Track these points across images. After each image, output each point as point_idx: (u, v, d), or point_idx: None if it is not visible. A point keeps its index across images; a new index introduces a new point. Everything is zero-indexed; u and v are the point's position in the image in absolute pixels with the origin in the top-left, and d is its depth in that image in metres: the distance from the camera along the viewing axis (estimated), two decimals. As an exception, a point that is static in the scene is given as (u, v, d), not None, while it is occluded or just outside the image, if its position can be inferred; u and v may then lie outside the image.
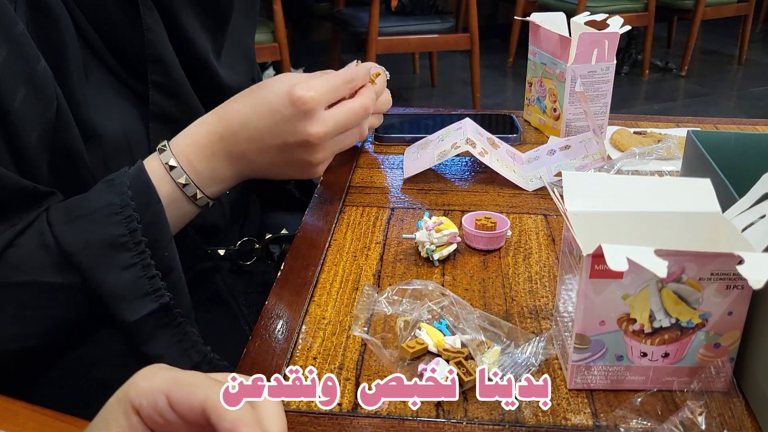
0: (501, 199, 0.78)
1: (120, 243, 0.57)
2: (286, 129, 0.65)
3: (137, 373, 0.39)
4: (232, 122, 0.65)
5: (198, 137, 0.65)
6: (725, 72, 4.33)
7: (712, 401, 0.47)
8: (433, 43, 3.08)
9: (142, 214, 0.58)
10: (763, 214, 0.47)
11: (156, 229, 0.59)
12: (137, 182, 0.59)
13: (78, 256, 0.56)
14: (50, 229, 0.57)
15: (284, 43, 2.73)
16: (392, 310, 0.55)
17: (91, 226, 0.57)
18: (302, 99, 0.63)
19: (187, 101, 0.69)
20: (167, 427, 0.37)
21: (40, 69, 0.57)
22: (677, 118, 1.04)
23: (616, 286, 0.46)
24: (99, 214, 0.57)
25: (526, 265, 0.66)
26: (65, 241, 0.56)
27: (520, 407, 0.48)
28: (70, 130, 0.60)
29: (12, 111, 0.54)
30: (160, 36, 0.65)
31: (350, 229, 0.72)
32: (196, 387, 0.37)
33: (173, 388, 0.37)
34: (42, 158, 0.58)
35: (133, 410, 0.37)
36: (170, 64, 0.66)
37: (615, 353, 0.48)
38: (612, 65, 0.91)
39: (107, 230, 0.57)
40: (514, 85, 3.99)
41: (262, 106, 0.65)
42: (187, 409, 0.37)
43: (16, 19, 0.55)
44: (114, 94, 0.66)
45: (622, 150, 0.91)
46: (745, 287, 0.46)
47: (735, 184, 0.53)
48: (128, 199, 0.58)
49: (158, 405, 0.37)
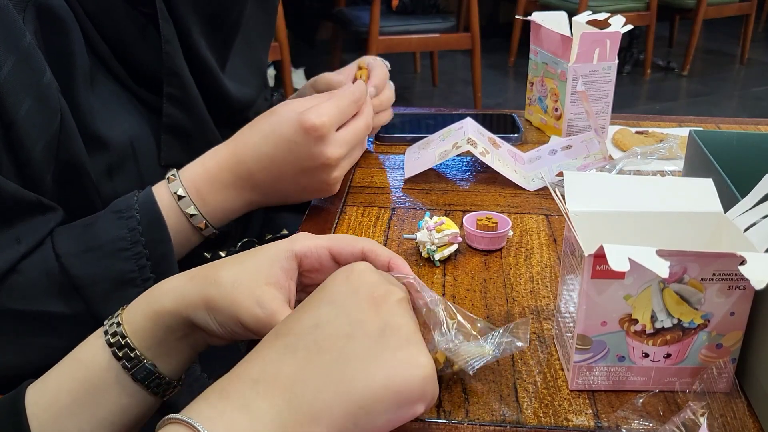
0: (502, 199, 0.78)
1: (128, 279, 0.57)
2: (302, 155, 0.66)
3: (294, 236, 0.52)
4: (243, 155, 0.66)
5: (208, 167, 0.65)
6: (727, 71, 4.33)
7: (714, 402, 0.46)
8: (434, 42, 3.08)
9: (152, 250, 0.58)
10: (766, 214, 0.47)
11: (165, 266, 0.60)
12: (148, 216, 0.60)
13: (85, 289, 0.56)
14: (58, 259, 0.57)
15: (285, 43, 2.73)
16: None
17: (100, 260, 0.57)
18: (314, 126, 0.65)
19: (199, 115, 0.70)
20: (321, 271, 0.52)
21: (46, 80, 0.57)
22: (679, 117, 1.04)
23: (618, 287, 0.46)
24: (108, 248, 0.57)
25: (528, 265, 0.65)
26: (73, 273, 0.56)
27: (521, 408, 0.48)
28: (74, 142, 0.60)
29: (17, 121, 0.54)
30: (176, 49, 0.65)
31: (351, 229, 0.72)
32: (353, 239, 0.52)
33: (334, 243, 0.52)
34: (46, 169, 0.58)
35: (296, 258, 0.51)
36: (185, 78, 0.67)
37: (617, 354, 0.48)
38: (614, 65, 0.91)
39: (116, 266, 0.57)
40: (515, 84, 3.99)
41: (276, 137, 0.66)
42: (349, 255, 0.51)
43: (24, 30, 0.55)
44: (121, 103, 0.66)
45: (623, 150, 0.91)
46: (747, 287, 0.46)
47: (737, 184, 0.53)
48: (138, 234, 0.58)
49: (320, 255, 0.51)
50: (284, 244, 0.52)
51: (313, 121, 0.65)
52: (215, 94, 0.72)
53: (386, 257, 0.53)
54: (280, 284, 0.50)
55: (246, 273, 0.49)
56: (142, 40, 0.65)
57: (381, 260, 0.52)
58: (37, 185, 0.58)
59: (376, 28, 2.82)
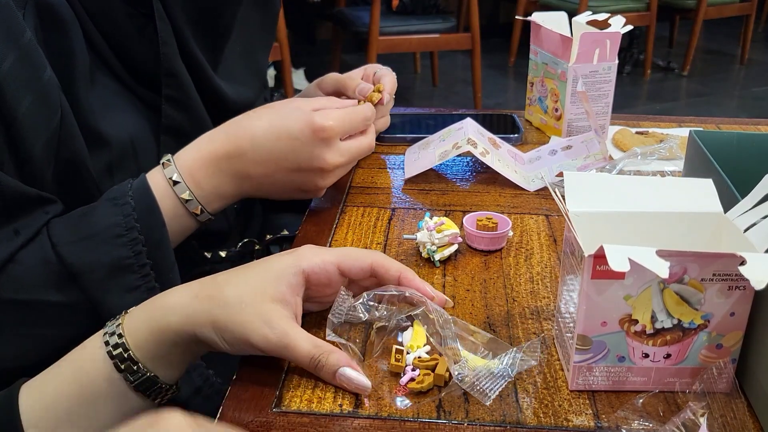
0: (502, 200, 0.78)
1: (125, 265, 0.57)
2: (302, 154, 0.66)
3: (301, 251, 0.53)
4: (241, 141, 0.65)
5: (204, 153, 0.65)
6: (727, 72, 4.33)
7: (714, 402, 0.46)
8: (434, 42, 3.08)
9: (147, 236, 0.58)
10: (766, 214, 0.47)
11: (160, 252, 0.59)
12: (142, 202, 0.59)
13: (82, 277, 0.56)
14: (54, 248, 0.56)
15: (285, 43, 2.73)
16: (368, 316, 0.53)
17: (96, 247, 0.57)
18: (323, 127, 0.65)
19: (197, 115, 0.70)
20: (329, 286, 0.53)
21: (46, 77, 0.57)
22: (679, 118, 1.04)
23: (618, 287, 0.45)
24: (104, 235, 0.57)
25: (528, 265, 0.65)
26: (69, 261, 0.56)
27: (521, 408, 0.48)
28: (75, 139, 0.60)
29: (18, 118, 0.54)
30: (173, 50, 0.65)
31: (351, 229, 0.72)
32: (362, 254, 0.54)
33: (342, 259, 0.53)
34: (46, 166, 0.58)
35: (303, 274, 0.52)
36: (183, 79, 0.67)
37: (617, 354, 0.48)
38: (614, 65, 0.91)
39: (112, 252, 0.57)
40: (515, 84, 3.99)
41: (280, 130, 0.65)
42: (358, 270, 0.53)
43: (24, 27, 0.55)
44: (121, 101, 0.66)
45: (623, 150, 0.91)
46: (747, 288, 0.46)
47: (737, 185, 0.53)
48: (133, 221, 0.58)
49: (329, 271, 0.52)
50: (290, 260, 0.52)
51: (322, 123, 0.65)
52: (209, 95, 0.72)
53: (396, 271, 0.53)
54: (286, 300, 0.50)
55: (252, 292, 0.49)
56: (140, 40, 0.65)
57: (391, 274, 0.53)
58: (38, 182, 0.58)
59: (376, 28, 2.82)
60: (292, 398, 0.49)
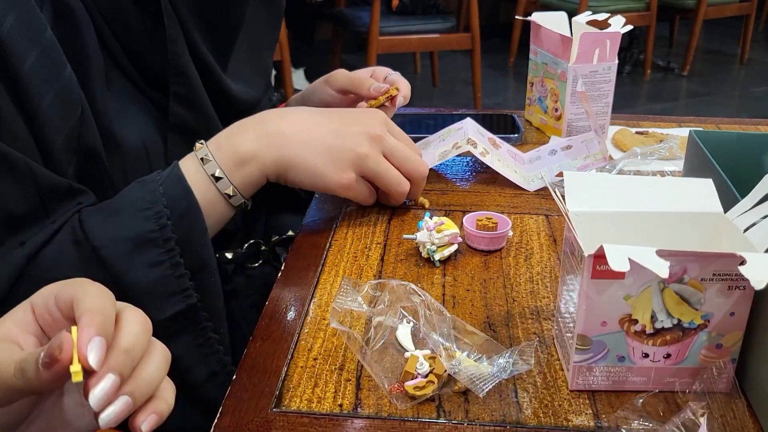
0: (502, 200, 0.78)
1: (149, 239, 0.57)
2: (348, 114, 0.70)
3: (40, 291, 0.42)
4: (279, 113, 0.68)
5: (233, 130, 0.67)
6: (727, 72, 4.33)
7: (714, 402, 0.46)
8: (434, 42, 3.07)
9: (173, 208, 0.58)
10: (766, 214, 0.47)
11: (189, 222, 0.59)
12: (170, 177, 0.60)
13: (105, 251, 0.56)
14: (80, 225, 0.57)
15: (285, 43, 2.73)
16: (367, 309, 0.55)
17: (120, 220, 0.57)
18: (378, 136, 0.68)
19: (205, 114, 0.70)
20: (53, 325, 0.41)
21: (67, 74, 0.57)
22: (679, 118, 1.04)
23: (618, 287, 0.46)
24: (128, 210, 0.57)
25: (528, 265, 0.65)
26: (93, 235, 0.56)
27: (521, 408, 0.48)
28: (93, 136, 0.60)
29: (40, 114, 0.55)
30: (182, 48, 0.65)
31: (351, 229, 0.72)
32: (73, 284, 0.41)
33: (61, 288, 0.41)
34: (67, 162, 0.58)
35: (30, 309, 0.41)
36: (191, 77, 0.67)
37: (617, 354, 0.48)
38: (614, 65, 0.91)
39: (136, 225, 0.57)
40: (515, 84, 3.99)
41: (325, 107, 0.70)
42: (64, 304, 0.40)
43: (45, 24, 0.56)
44: (133, 103, 0.66)
45: (623, 150, 0.91)
46: (747, 288, 0.46)
47: (737, 185, 0.53)
48: (159, 195, 0.58)
49: (48, 304, 0.41)
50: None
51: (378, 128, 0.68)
52: (218, 94, 0.72)
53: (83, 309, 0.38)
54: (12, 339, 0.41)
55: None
56: (150, 40, 0.65)
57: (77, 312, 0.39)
58: None
59: (376, 28, 2.82)
60: (291, 398, 0.49)
